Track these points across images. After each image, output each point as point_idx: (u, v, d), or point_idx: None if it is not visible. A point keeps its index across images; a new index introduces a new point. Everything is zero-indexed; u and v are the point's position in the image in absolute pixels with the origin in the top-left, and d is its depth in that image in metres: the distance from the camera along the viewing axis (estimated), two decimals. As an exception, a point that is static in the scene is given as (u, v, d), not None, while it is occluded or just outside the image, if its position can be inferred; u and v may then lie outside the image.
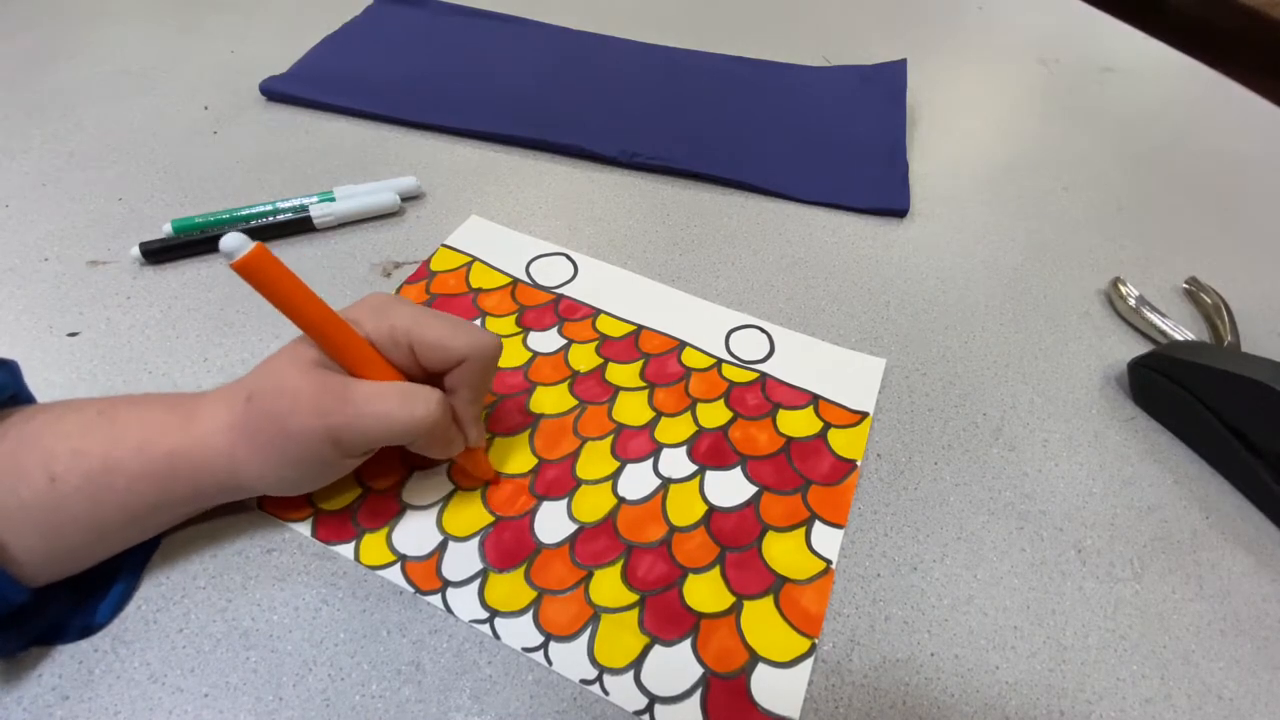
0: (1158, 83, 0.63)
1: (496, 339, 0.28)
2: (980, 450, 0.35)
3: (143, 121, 0.47)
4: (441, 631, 0.27)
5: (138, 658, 0.25)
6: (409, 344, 0.26)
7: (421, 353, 0.26)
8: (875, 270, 0.43)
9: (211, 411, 0.25)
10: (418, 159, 0.47)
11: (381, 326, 0.26)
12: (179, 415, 0.25)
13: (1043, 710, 0.27)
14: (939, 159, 0.51)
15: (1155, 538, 0.32)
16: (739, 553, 0.30)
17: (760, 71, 0.57)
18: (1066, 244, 0.46)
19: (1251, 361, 0.32)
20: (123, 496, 0.24)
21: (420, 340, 0.26)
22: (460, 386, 0.27)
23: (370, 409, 0.24)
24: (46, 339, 0.35)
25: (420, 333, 0.26)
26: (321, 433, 0.24)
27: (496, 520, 0.30)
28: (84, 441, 0.24)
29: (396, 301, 0.27)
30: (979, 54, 0.64)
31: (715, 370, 0.36)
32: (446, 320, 0.27)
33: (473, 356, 0.26)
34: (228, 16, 0.58)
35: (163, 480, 0.25)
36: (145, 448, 0.24)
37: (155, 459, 0.24)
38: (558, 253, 0.41)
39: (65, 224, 0.40)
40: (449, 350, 0.26)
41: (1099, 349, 0.40)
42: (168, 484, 0.25)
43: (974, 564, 0.30)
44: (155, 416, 0.25)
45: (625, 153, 0.47)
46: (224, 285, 0.38)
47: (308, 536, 0.29)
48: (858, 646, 0.28)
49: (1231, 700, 0.28)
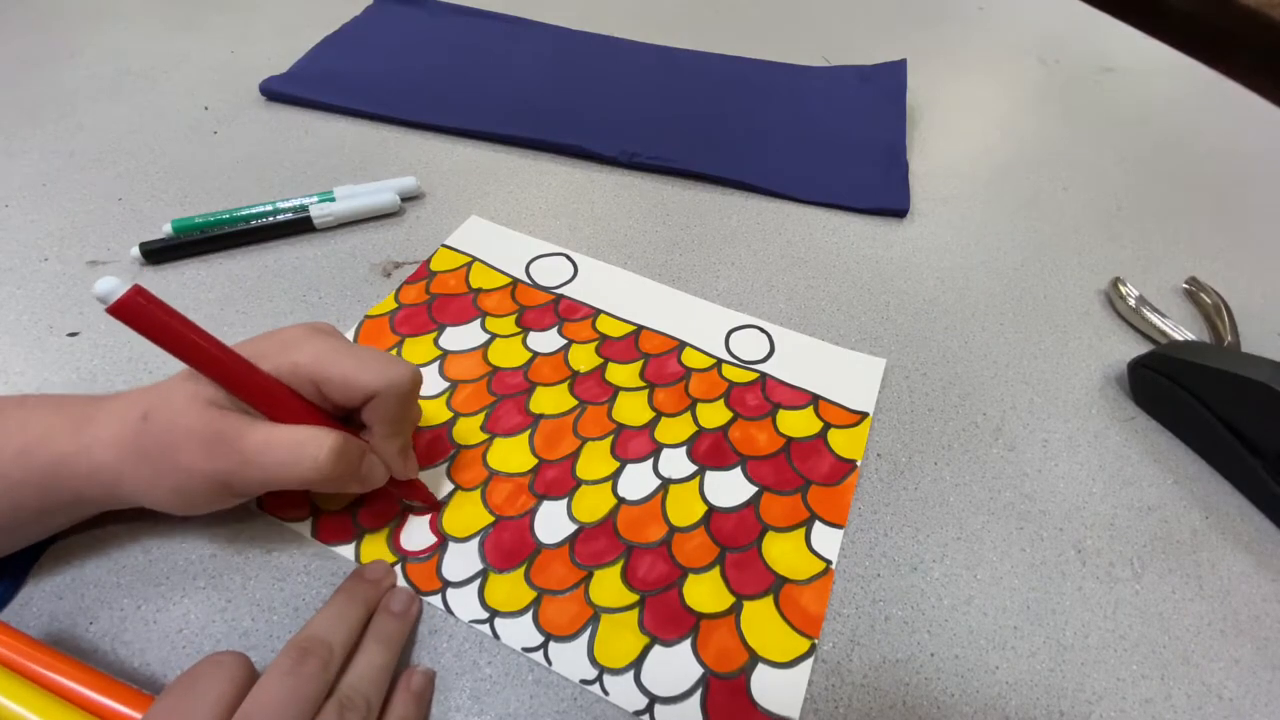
0: (1158, 83, 0.63)
1: (410, 370, 0.26)
2: (980, 450, 0.35)
3: (143, 121, 0.47)
4: (441, 632, 0.27)
5: (138, 658, 0.25)
6: (313, 381, 0.25)
7: (327, 390, 0.25)
8: (875, 270, 0.43)
9: (105, 420, 0.24)
10: (418, 159, 0.47)
11: (283, 364, 0.24)
12: (68, 420, 0.25)
13: (1043, 710, 0.27)
14: (939, 159, 0.51)
15: (1155, 538, 0.32)
16: (739, 553, 0.30)
17: (760, 71, 0.57)
18: (1066, 244, 0.46)
19: (1251, 361, 0.32)
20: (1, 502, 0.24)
21: (324, 377, 0.24)
22: (374, 422, 0.26)
23: (259, 459, 0.23)
24: (46, 339, 0.35)
25: (324, 370, 0.24)
26: (210, 475, 0.23)
27: (496, 520, 0.30)
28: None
29: (310, 335, 0.26)
30: (979, 54, 0.64)
31: (715, 370, 0.36)
32: (355, 354, 0.25)
33: (383, 392, 0.25)
34: (228, 16, 0.58)
35: (45, 488, 0.24)
36: (27, 454, 0.24)
37: (37, 467, 0.24)
38: (558, 253, 0.41)
39: (65, 224, 0.40)
40: (355, 386, 0.24)
41: (1099, 349, 0.40)
42: (50, 492, 0.24)
43: (974, 564, 0.30)
44: (41, 419, 0.25)
45: (625, 153, 0.47)
46: (224, 285, 0.38)
47: (308, 537, 0.29)
48: (858, 646, 0.28)
49: (1231, 700, 0.28)
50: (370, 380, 0.25)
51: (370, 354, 0.26)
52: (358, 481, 0.26)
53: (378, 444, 0.26)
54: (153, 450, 0.24)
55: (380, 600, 0.27)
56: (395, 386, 0.25)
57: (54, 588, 0.27)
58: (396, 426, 0.26)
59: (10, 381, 0.33)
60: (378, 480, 0.27)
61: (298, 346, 0.25)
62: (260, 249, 0.40)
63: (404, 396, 0.26)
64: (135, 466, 0.24)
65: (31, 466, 0.24)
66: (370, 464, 0.26)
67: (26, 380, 0.33)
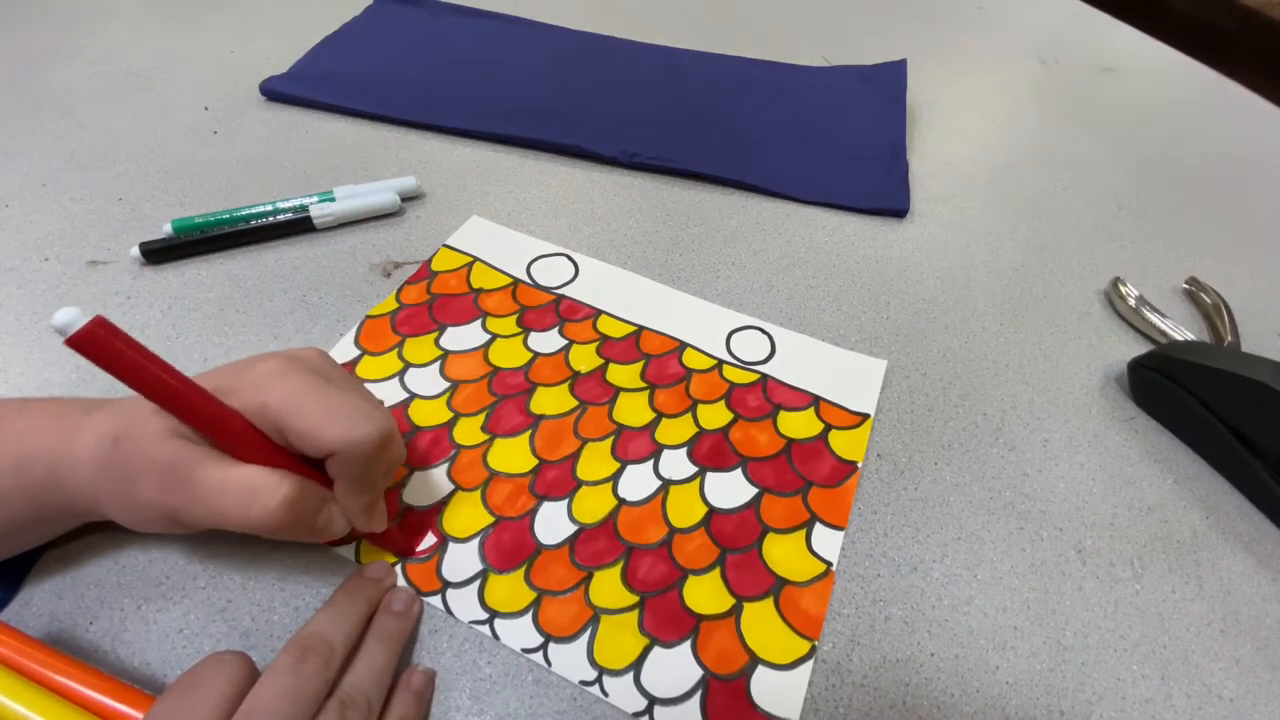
0: (1158, 83, 0.63)
1: (377, 429, 0.23)
2: (980, 450, 0.35)
3: (143, 121, 0.47)
4: (441, 632, 0.27)
5: (138, 658, 0.25)
6: (276, 430, 0.23)
7: (290, 439, 0.23)
8: (875, 270, 0.43)
9: (88, 439, 0.24)
10: (418, 159, 0.47)
11: (251, 404, 0.23)
12: (61, 432, 0.24)
13: (1043, 710, 0.27)
14: (939, 159, 0.51)
15: (1155, 538, 0.32)
16: (739, 554, 0.30)
17: (760, 71, 0.57)
18: (1066, 244, 0.46)
19: (1251, 361, 0.32)
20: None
21: (288, 428, 0.23)
22: (338, 477, 0.24)
23: (210, 499, 0.22)
24: (47, 339, 0.35)
25: (288, 419, 0.23)
26: (161, 508, 0.23)
27: (496, 521, 0.30)
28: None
29: (285, 372, 0.24)
30: (979, 54, 0.64)
31: (716, 371, 0.36)
32: (326, 402, 0.23)
33: (341, 452, 0.23)
34: (228, 16, 0.58)
35: (37, 499, 0.24)
36: (21, 468, 0.24)
37: (30, 479, 0.24)
38: (559, 253, 0.41)
39: (65, 224, 0.40)
40: (316, 442, 0.23)
41: (1099, 349, 0.40)
42: (42, 502, 0.24)
43: (974, 564, 0.30)
44: (38, 427, 0.25)
45: (625, 153, 0.47)
46: (224, 285, 0.38)
47: (308, 537, 0.29)
48: (858, 646, 0.28)
49: (1231, 700, 0.28)
50: (330, 439, 0.23)
51: (341, 403, 0.23)
52: (314, 533, 0.25)
53: (342, 499, 0.25)
54: (118, 476, 0.23)
55: (381, 599, 0.27)
56: (357, 447, 0.23)
57: (54, 588, 0.27)
58: (362, 485, 0.25)
59: (10, 381, 0.33)
60: (337, 532, 0.25)
61: (270, 386, 0.23)
62: (260, 249, 0.40)
63: (367, 457, 0.23)
64: (107, 488, 0.24)
65: (25, 479, 0.24)
66: (329, 516, 0.25)
67: (26, 380, 0.33)
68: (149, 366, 0.21)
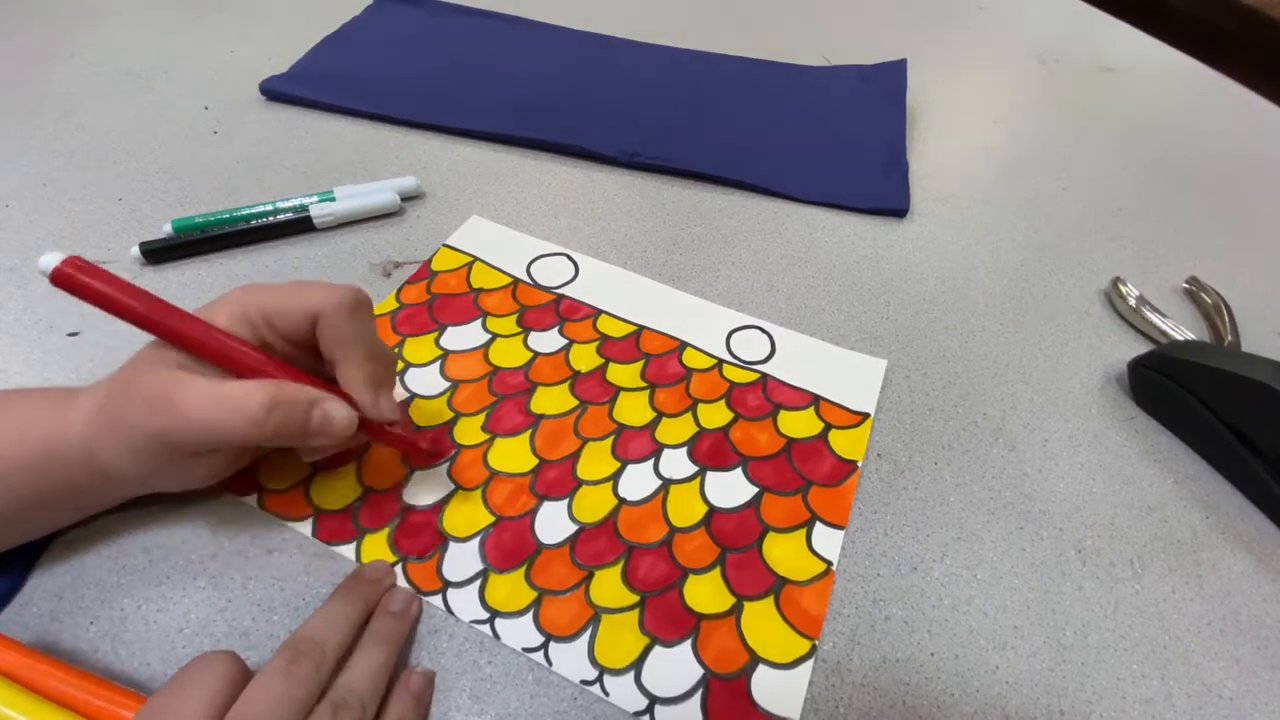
0: (1158, 82, 0.63)
1: (353, 287, 0.26)
2: (980, 450, 0.35)
3: (143, 121, 0.47)
4: (441, 631, 0.27)
5: (138, 658, 0.25)
6: (264, 318, 0.25)
7: (276, 321, 0.25)
8: (875, 270, 0.43)
9: (84, 399, 0.25)
10: (418, 159, 0.47)
11: (237, 312, 0.25)
12: (57, 402, 0.25)
13: (1043, 710, 0.27)
14: (939, 159, 0.51)
15: (1155, 538, 0.32)
16: (739, 554, 0.30)
17: (760, 71, 0.57)
18: (1066, 244, 0.46)
19: (1251, 361, 0.32)
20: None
21: (273, 308, 0.25)
22: (330, 347, 0.26)
23: (195, 413, 0.23)
24: (46, 339, 0.35)
25: (272, 300, 0.25)
26: (151, 431, 0.23)
27: (497, 520, 0.30)
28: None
29: (258, 286, 0.26)
30: (979, 54, 0.64)
31: (716, 371, 0.36)
32: (301, 284, 0.26)
33: (326, 309, 0.25)
34: (228, 16, 0.58)
35: (37, 472, 0.24)
36: (22, 437, 0.24)
37: (28, 450, 0.24)
38: (559, 253, 0.41)
39: (65, 224, 0.40)
40: (298, 308, 0.25)
41: (1099, 349, 0.40)
42: (42, 476, 0.24)
43: (974, 564, 0.30)
44: (34, 404, 0.25)
45: (625, 153, 0.47)
46: (224, 285, 0.38)
47: (308, 536, 0.29)
48: (858, 646, 0.28)
49: (1231, 700, 0.28)
50: (312, 299, 0.25)
51: (312, 282, 0.26)
52: (310, 434, 0.24)
53: (342, 374, 0.26)
54: (114, 413, 0.24)
55: (380, 600, 0.27)
56: (337, 301, 0.25)
57: (54, 587, 0.27)
58: (357, 349, 0.26)
59: (10, 381, 0.33)
60: (338, 431, 0.25)
61: (244, 295, 0.26)
62: (260, 249, 0.40)
63: (351, 311, 0.26)
64: (100, 433, 0.24)
65: (23, 450, 0.24)
66: (325, 413, 0.25)
67: (26, 380, 0.33)
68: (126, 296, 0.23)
